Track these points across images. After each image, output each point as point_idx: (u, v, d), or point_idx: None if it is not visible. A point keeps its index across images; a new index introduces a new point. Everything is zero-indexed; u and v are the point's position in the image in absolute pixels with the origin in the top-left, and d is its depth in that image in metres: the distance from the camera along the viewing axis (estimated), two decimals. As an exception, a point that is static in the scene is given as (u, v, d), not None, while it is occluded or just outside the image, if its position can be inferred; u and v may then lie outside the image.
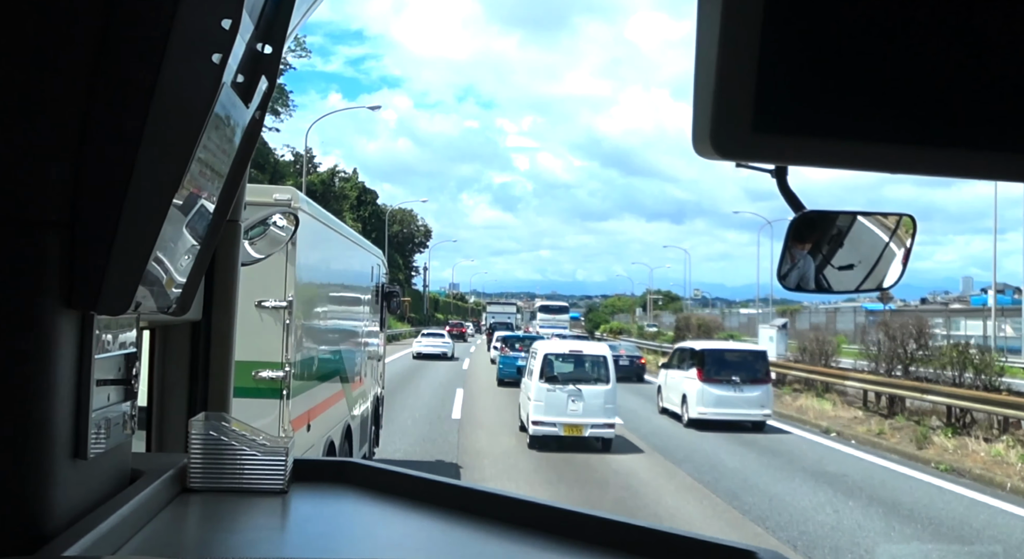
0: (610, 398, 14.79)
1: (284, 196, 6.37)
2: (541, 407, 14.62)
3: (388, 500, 1.69)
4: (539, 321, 60.60)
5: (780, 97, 0.84)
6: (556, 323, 57.39)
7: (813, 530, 9.94)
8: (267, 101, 1.42)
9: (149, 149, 1.00)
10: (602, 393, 14.71)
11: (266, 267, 5.75)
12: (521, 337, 31.47)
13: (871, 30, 0.84)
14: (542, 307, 67.11)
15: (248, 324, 5.79)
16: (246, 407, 6.12)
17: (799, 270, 1.28)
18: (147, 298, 1.22)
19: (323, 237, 7.47)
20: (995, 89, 0.87)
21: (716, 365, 18.58)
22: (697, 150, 0.87)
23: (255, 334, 6.14)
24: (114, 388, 1.27)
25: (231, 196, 1.46)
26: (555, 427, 14.55)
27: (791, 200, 1.08)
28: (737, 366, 18.61)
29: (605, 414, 14.67)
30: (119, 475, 1.38)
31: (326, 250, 7.52)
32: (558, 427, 14.54)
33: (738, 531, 9.63)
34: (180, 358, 1.94)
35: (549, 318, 60.24)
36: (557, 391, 14.59)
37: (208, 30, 1.02)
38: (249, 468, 1.64)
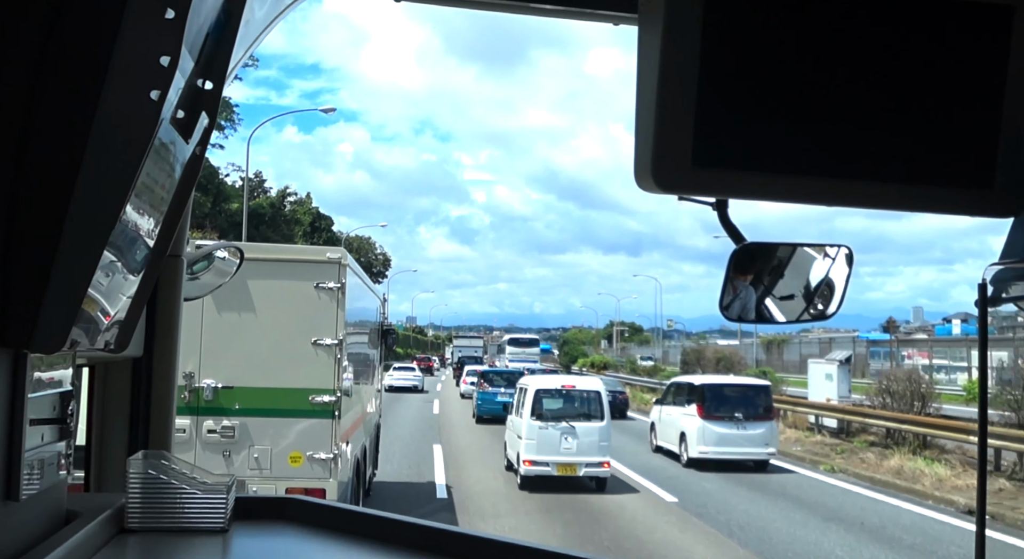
0: (604, 435, 14.68)
1: (335, 255, 8.00)
2: (533, 446, 14.45)
3: (331, 537, 1.73)
4: (508, 354, 59.81)
5: (718, 133, 0.92)
6: (526, 357, 56.52)
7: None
8: (208, 137, 1.45)
9: (86, 185, 1.02)
10: (596, 430, 14.59)
11: (320, 312, 7.75)
12: (501, 372, 31.05)
13: (804, 72, 0.94)
14: (511, 340, 65.83)
15: (306, 358, 7.78)
16: (305, 427, 7.89)
17: (741, 301, 1.35)
18: (83, 335, 1.22)
19: (358, 286, 8.82)
20: (918, 128, 0.97)
21: (717, 401, 18.09)
22: (639, 184, 0.95)
23: (312, 366, 7.85)
24: (49, 427, 1.29)
25: (171, 231, 1.48)
26: (548, 467, 14.34)
27: (732, 232, 1.16)
28: (739, 402, 18.09)
29: (600, 452, 14.52)
30: (53, 516, 1.40)
31: (359, 297, 9.01)
32: (551, 466, 14.34)
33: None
34: (120, 395, 1.96)
35: (519, 351, 59.21)
36: (549, 429, 14.46)
37: (146, 66, 1.04)
38: (189, 507, 1.67)
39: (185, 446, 7.90)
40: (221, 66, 1.37)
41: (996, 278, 2.13)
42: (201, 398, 8.00)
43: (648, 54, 0.94)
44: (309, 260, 8.17)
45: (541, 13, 1.44)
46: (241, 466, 8.00)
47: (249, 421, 8.03)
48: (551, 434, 14.50)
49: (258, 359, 8.06)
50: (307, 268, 8.10)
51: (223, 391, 8.02)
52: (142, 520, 1.65)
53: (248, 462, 7.99)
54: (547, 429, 14.53)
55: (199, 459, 8.00)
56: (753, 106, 0.93)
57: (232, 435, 8.01)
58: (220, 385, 8.01)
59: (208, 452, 7.95)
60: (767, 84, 0.93)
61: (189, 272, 2.33)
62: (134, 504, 1.65)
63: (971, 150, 1.00)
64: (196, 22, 1.18)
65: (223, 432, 7.99)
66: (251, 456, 8.02)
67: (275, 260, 8.13)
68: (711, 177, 0.94)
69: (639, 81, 0.95)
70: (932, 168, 0.98)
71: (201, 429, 8.01)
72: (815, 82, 0.94)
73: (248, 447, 8.06)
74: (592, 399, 15.26)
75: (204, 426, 8.01)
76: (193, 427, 8.00)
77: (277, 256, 8.32)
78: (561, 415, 14.86)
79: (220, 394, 8.01)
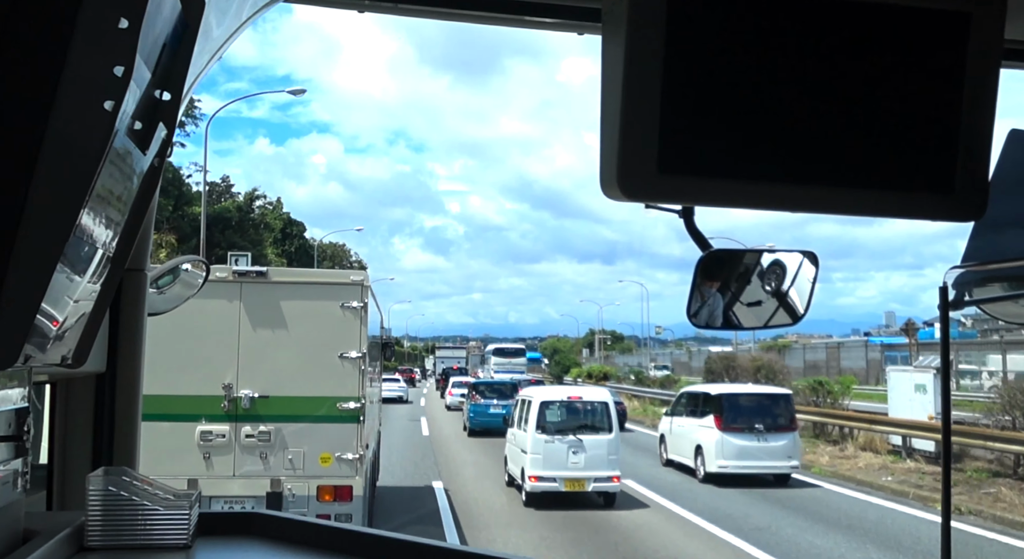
0: (613, 448, 14.38)
1: (358, 278, 9.34)
2: (539, 460, 14.13)
3: (296, 552, 1.75)
4: (493, 365, 58.18)
5: (683, 140, 0.95)
6: (512, 367, 54.67)
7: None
8: (166, 148, 1.46)
9: (38, 195, 1.01)
10: (605, 443, 14.31)
11: (345, 328, 8.97)
12: (492, 383, 30.56)
13: (767, 80, 0.97)
14: (496, 350, 63.92)
15: (333, 369, 8.96)
16: (333, 430, 9.00)
17: (709, 307, 1.40)
18: (38, 350, 1.22)
19: (373, 304, 9.97)
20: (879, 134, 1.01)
21: (737, 411, 17.33)
22: (606, 192, 0.97)
23: (338, 377, 9.03)
24: (4, 445, 1.30)
25: (129, 244, 1.48)
26: (555, 482, 14.03)
27: (698, 239, 1.20)
28: (760, 412, 17.34)
29: (609, 466, 14.22)
30: (10, 536, 1.41)
31: (374, 313, 10.19)
32: (558, 482, 14.04)
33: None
34: (83, 411, 1.97)
35: (504, 361, 57.74)
36: (556, 442, 14.18)
37: (99, 77, 1.04)
38: (151, 523, 1.68)
39: (225, 449, 8.98)
40: (179, 77, 1.37)
41: (957, 281, 2.22)
42: (239, 406, 8.98)
43: (612, 62, 0.96)
44: (335, 283, 9.39)
45: (507, 23, 1.47)
46: (277, 466, 9.00)
47: (283, 426, 9.04)
48: (557, 448, 14.18)
49: (290, 371, 9.05)
50: (333, 289, 9.19)
51: (259, 400, 9.02)
52: (103, 538, 1.65)
53: (283, 463, 9.00)
54: (553, 442, 14.21)
55: (238, 461, 9.01)
56: (717, 113, 0.96)
57: (268, 439, 9.01)
58: (257, 395, 9.01)
59: (246, 454, 8.99)
60: (730, 91, 0.97)
61: (155, 286, 2.36)
62: (94, 521, 1.65)
63: (932, 155, 1.04)
64: (151, 32, 1.18)
65: (260, 437, 9.00)
66: (286, 458, 9.02)
67: (305, 283, 9.32)
68: (677, 184, 0.97)
69: (603, 89, 0.98)
70: (894, 174, 1.02)
71: (240, 434, 9.00)
72: (778, 89, 0.98)
73: (283, 450, 9.04)
74: (599, 410, 14.92)
75: (242, 431, 9.00)
76: (232, 433, 9.00)
77: (307, 279, 9.54)
78: (567, 428, 14.54)
79: (257, 403, 9.01)
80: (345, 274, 9.88)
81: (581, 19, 1.39)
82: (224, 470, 9.03)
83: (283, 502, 8.93)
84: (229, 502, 8.97)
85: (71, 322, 1.37)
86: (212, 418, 9.01)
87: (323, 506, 8.96)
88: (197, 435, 8.99)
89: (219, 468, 9.02)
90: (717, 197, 1.00)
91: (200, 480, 8.76)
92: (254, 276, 9.21)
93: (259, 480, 9.05)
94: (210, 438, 9.00)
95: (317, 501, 9.03)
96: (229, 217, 48.78)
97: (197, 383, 8.92)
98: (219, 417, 9.00)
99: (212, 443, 9.01)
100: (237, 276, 9.12)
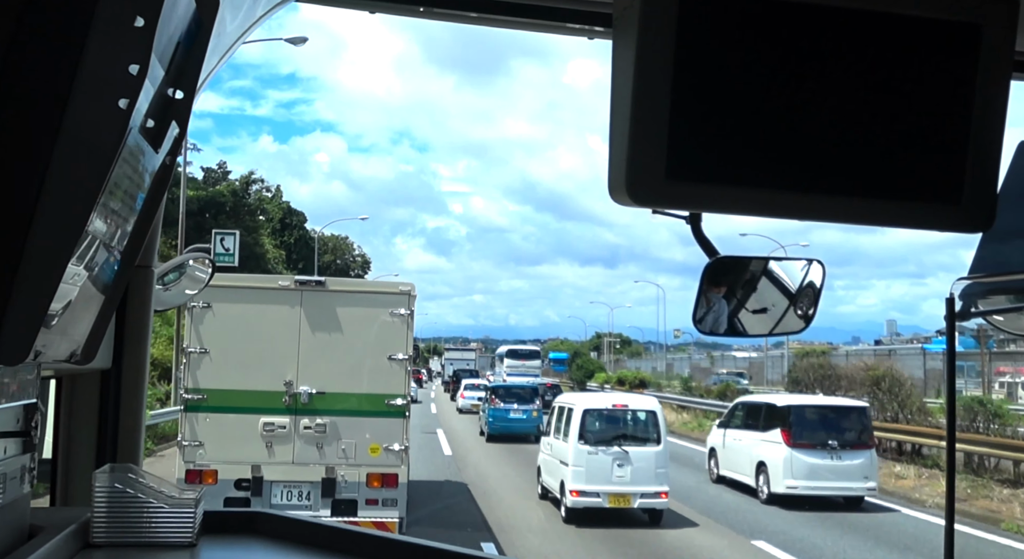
0: (662, 461, 13.79)
1: (406, 288, 10.68)
2: (581, 473, 13.56)
3: (300, 551, 1.80)
4: (506, 367, 56.27)
5: (692, 146, 0.98)
6: (526, 370, 53.96)
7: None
8: (178, 147, 1.50)
9: (52, 194, 1.04)
10: (652, 456, 13.73)
11: (393, 333, 10.35)
12: (511, 387, 30.17)
13: (776, 88, 1.00)
14: (509, 352, 62.05)
15: (382, 370, 10.26)
16: (382, 424, 10.28)
17: (714, 313, 1.44)
18: (48, 346, 1.27)
19: None
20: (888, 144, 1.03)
21: (808, 425, 16.14)
22: (613, 197, 1.01)
23: (387, 376, 10.31)
24: (11, 440, 1.36)
25: (140, 242, 1.53)
26: (598, 497, 13.47)
27: (705, 246, 1.23)
28: (833, 427, 16.13)
29: (656, 481, 13.66)
30: (16, 532, 1.45)
31: None
32: (602, 497, 13.48)
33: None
34: (88, 408, 2.03)
35: (517, 364, 56.54)
36: (600, 454, 13.63)
37: (115, 75, 1.07)
38: (156, 521, 1.74)
39: (285, 439, 10.20)
40: (192, 75, 1.43)
41: (964, 292, 2.29)
42: (299, 401, 10.20)
43: (622, 68, 1.00)
44: (385, 292, 10.75)
45: (518, 26, 1.53)
46: (331, 455, 10.22)
47: (338, 420, 10.25)
48: (601, 460, 13.60)
49: (344, 370, 10.30)
50: (383, 298, 10.55)
51: (317, 396, 10.23)
52: (108, 535, 1.70)
53: (337, 452, 10.25)
54: (597, 454, 13.64)
55: (297, 450, 10.22)
56: (726, 121, 1.00)
57: (324, 431, 10.20)
58: (314, 391, 10.24)
59: (304, 444, 10.23)
60: (740, 99, 1.00)
61: (160, 283, 2.43)
62: (100, 519, 1.70)
63: (940, 166, 1.07)
64: (166, 31, 1.21)
65: (316, 428, 10.18)
66: (339, 448, 10.24)
67: (358, 292, 10.92)
68: (684, 191, 1.00)
69: (613, 94, 1.02)
70: (902, 183, 1.05)
71: (299, 426, 10.21)
72: (787, 98, 1.01)
73: (337, 441, 10.23)
74: (647, 420, 14.27)
75: (301, 424, 10.21)
76: (292, 425, 10.20)
77: (359, 289, 11.26)
78: (612, 438, 13.97)
79: (314, 398, 10.22)
80: (394, 285, 11.10)
81: (592, 23, 1.42)
82: (284, 458, 10.19)
83: (336, 487, 10.11)
84: (288, 487, 10.18)
85: (81, 319, 1.41)
86: (274, 411, 10.15)
87: (372, 492, 10.21)
88: (260, 426, 10.14)
89: (280, 456, 10.17)
90: (725, 204, 1.03)
91: (262, 466, 10.05)
92: (313, 285, 10.51)
93: (315, 467, 10.20)
94: (272, 429, 10.17)
95: (366, 487, 10.20)
96: (223, 201, 45.23)
97: (261, 380, 10.11)
98: (280, 410, 10.16)
99: (274, 433, 10.17)
100: (298, 285, 10.44)
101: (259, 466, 10.12)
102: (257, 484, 10.13)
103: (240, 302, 10.27)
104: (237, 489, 10.07)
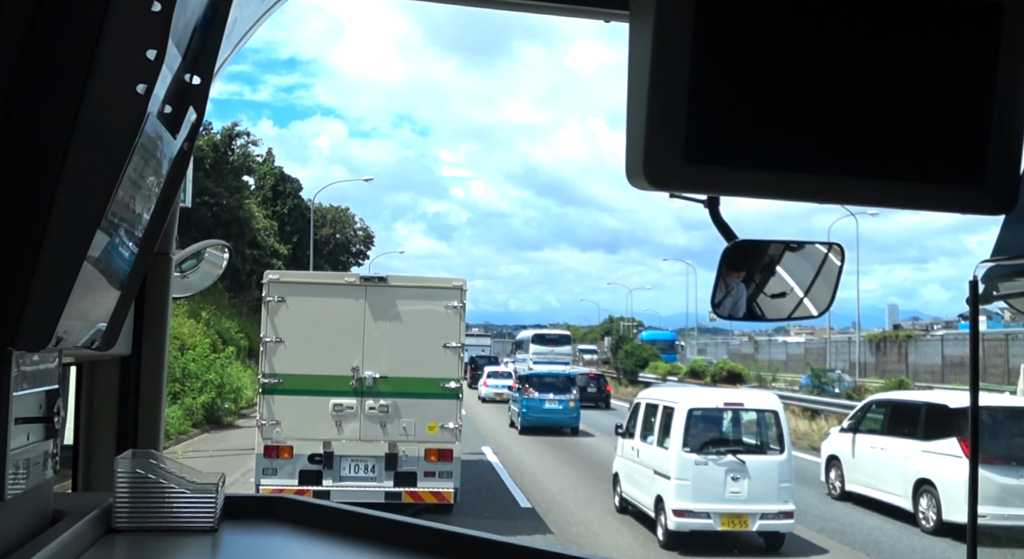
0: (786, 474, 12.23)
1: (458, 283, 12.73)
2: (687, 489, 12.07)
3: (321, 536, 1.94)
4: (532, 353, 51.72)
5: (710, 129, 1.05)
6: (555, 357, 49.70)
7: None
8: (195, 133, 1.61)
9: (71, 180, 1.13)
10: (775, 467, 12.16)
11: (448, 323, 12.47)
12: (546, 375, 28.87)
13: (795, 69, 1.06)
14: (536, 337, 56.42)
15: (438, 356, 12.39)
16: (438, 405, 12.42)
17: (733, 298, 1.52)
18: (69, 333, 1.37)
19: None
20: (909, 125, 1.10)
21: (997, 434, 13.08)
22: (631, 181, 1.08)
23: (442, 362, 12.48)
24: (34, 426, 1.48)
25: (159, 228, 1.63)
26: (708, 519, 11.97)
27: (723, 230, 1.31)
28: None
29: (779, 497, 12.07)
30: (40, 516, 1.59)
31: None
32: (713, 519, 11.95)
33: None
34: (108, 394, 2.21)
35: (545, 350, 51.87)
36: (710, 465, 12.11)
37: (133, 60, 1.15)
38: (178, 506, 1.90)
39: (352, 418, 12.38)
40: (209, 61, 1.51)
41: (988, 275, 2.49)
42: (364, 384, 12.38)
43: (639, 50, 1.06)
44: (440, 287, 12.73)
45: (533, 10, 1.58)
46: (393, 432, 12.42)
47: (399, 401, 12.40)
48: (712, 473, 12.04)
49: (404, 356, 12.44)
50: (438, 292, 12.59)
51: (380, 380, 12.44)
52: (130, 520, 1.85)
53: (398, 430, 12.41)
54: (706, 465, 12.10)
55: (363, 428, 12.41)
56: (745, 103, 1.06)
57: (387, 411, 12.38)
58: (378, 375, 12.43)
59: (369, 422, 12.41)
60: (758, 81, 1.06)
61: (178, 270, 2.71)
62: (122, 504, 1.85)
63: (962, 147, 1.13)
64: (183, 16, 1.29)
65: (380, 409, 12.38)
66: (400, 426, 12.39)
67: (416, 287, 12.81)
68: (703, 174, 1.07)
69: (630, 78, 1.08)
70: (923, 165, 1.11)
71: (364, 407, 12.41)
72: (807, 79, 1.07)
73: (398, 419, 12.39)
74: (768, 422, 12.69)
75: (366, 404, 12.41)
76: (359, 405, 12.40)
77: (417, 284, 12.93)
78: (725, 446, 12.54)
79: (378, 382, 12.42)
80: (448, 280, 12.91)
81: (608, 6, 1.44)
82: (352, 434, 12.40)
83: (398, 461, 12.31)
84: (355, 460, 12.35)
85: (101, 305, 1.53)
86: (342, 393, 12.33)
87: (429, 465, 12.33)
88: (330, 406, 12.30)
89: (347, 433, 12.39)
90: (743, 187, 1.09)
91: (332, 442, 12.25)
92: (376, 281, 12.64)
93: (379, 443, 12.39)
94: (341, 409, 12.33)
95: (424, 461, 12.32)
96: (202, 157, 40.73)
97: (331, 365, 12.25)
98: (348, 392, 12.35)
99: (342, 413, 12.33)
100: (363, 280, 12.70)
101: (329, 442, 12.25)
102: (328, 458, 12.20)
103: (311, 296, 12.41)
104: (310, 463, 12.13)
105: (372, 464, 12.34)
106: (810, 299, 1.54)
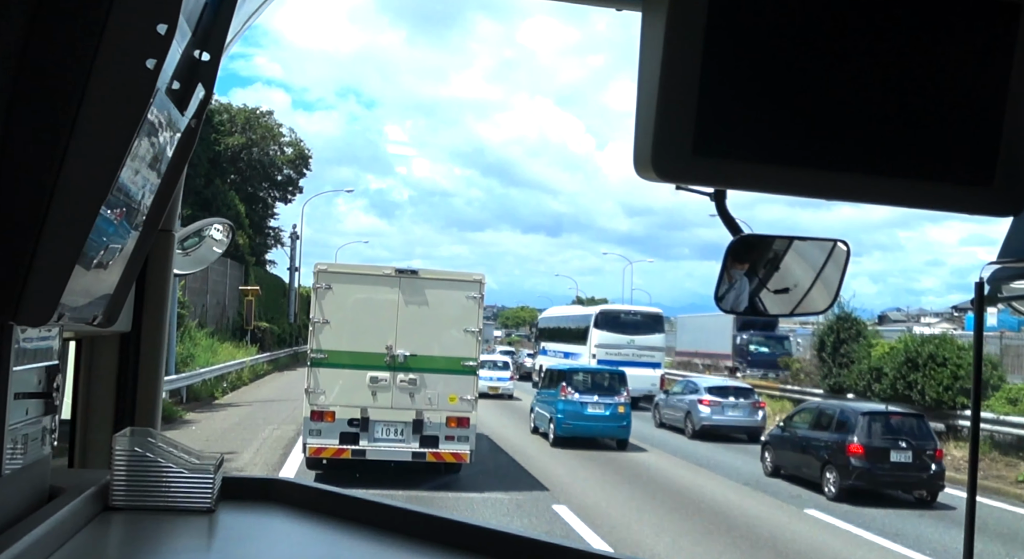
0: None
1: (478, 276, 14.62)
2: None
3: (317, 519, 1.89)
4: (596, 343, 32.29)
5: (720, 123, 1.03)
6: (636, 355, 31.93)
7: None
8: (204, 109, 1.55)
9: (77, 155, 1.09)
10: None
11: (467, 310, 14.61)
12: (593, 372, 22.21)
13: (808, 64, 1.04)
14: (604, 316, 33.41)
15: (458, 338, 14.49)
16: (458, 379, 14.48)
17: (736, 291, 1.55)
18: (71, 308, 1.30)
19: None
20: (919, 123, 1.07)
21: None
22: (639, 172, 1.06)
23: (462, 343, 14.33)
24: (33, 402, 1.42)
25: (163, 205, 1.58)
26: None
27: (729, 223, 1.32)
28: None
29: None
30: (36, 492, 1.52)
31: None
32: None
33: None
34: (107, 370, 2.14)
35: (622, 341, 32.32)
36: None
37: (143, 34, 1.10)
38: (175, 486, 1.84)
39: (386, 389, 14.10)
40: (219, 37, 1.46)
41: (993, 277, 2.33)
42: (396, 361, 14.07)
43: (651, 41, 1.05)
44: (462, 279, 14.60)
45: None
46: (420, 402, 14.16)
47: (426, 375, 14.14)
48: None
49: (430, 338, 14.17)
50: (460, 284, 14.46)
51: (410, 357, 14.15)
52: (127, 498, 1.79)
53: (425, 400, 14.20)
54: None
55: (395, 397, 14.10)
56: (755, 97, 1.04)
57: (415, 384, 14.12)
58: (408, 353, 14.16)
59: (400, 393, 14.07)
60: (770, 75, 1.05)
61: (180, 247, 2.60)
62: (119, 482, 1.79)
63: (972, 147, 1.10)
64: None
65: (409, 381, 14.11)
66: (426, 396, 14.18)
67: (442, 279, 14.54)
68: (711, 167, 1.05)
69: (641, 68, 1.07)
70: (932, 164, 1.09)
71: (396, 380, 14.13)
72: (819, 74, 1.05)
73: (424, 390, 14.16)
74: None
75: (398, 378, 14.12)
76: (391, 378, 14.10)
77: (443, 277, 14.71)
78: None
79: (408, 359, 14.13)
80: (469, 274, 14.94)
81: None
82: (385, 403, 14.13)
83: (423, 426, 14.03)
84: (387, 425, 14.13)
85: (104, 281, 1.47)
86: (378, 367, 14.06)
87: (450, 430, 14.16)
88: (367, 379, 14.03)
89: (381, 401, 14.12)
90: (752, 181, 1.07)
91: (368, 409, 14.01)
92: (409, 274, 14.34)
93: (407, 411, 14.13)
94: (376, 381, 14.06)
95: (446, 427, 14.12)
96: None
97: (368, 343, 13.97)
98: (382, 367, 14.10)
99: (378, 384, 14.04)
100: (397, 273, 14.34)
101: (366, 409, 14.00)
102: (364, 423, 13.96)
103: (353, 284, 14.20)
104: (349, 426, 13.86)
105: (401, 428, 14.16)
106: (813, 295, 1.55)
